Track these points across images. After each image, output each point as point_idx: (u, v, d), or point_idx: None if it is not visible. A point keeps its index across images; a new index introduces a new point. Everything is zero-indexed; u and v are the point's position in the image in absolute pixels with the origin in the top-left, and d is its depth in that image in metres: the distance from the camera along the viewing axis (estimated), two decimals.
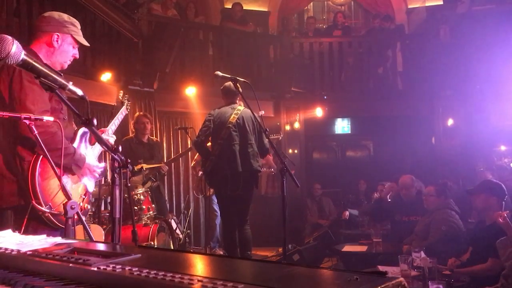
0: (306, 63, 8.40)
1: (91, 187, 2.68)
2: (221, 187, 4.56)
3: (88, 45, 2.66)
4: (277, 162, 7.02)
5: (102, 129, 2.89)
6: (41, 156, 2.22)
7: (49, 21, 2.53)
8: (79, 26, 2.61)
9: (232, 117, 4.56)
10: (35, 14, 5.47)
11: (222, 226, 5.07)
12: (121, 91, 3.59)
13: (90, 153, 2.65)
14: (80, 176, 2.55)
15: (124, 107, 3.31)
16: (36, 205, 1.94)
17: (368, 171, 8.57)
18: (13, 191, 2.27)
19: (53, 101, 2.34)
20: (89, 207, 2.68)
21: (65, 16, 2.59)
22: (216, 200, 6.40)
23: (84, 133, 2.59)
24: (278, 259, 5.38)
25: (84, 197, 2.61)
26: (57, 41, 2.49)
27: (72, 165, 2.41)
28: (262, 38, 8.92)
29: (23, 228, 2.03)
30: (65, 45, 2.53)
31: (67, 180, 2.43)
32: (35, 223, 2.12)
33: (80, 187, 2.58)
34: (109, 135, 2.82)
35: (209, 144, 4.76)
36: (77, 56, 2.63)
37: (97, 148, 2.71)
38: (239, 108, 4.63)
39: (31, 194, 2.13)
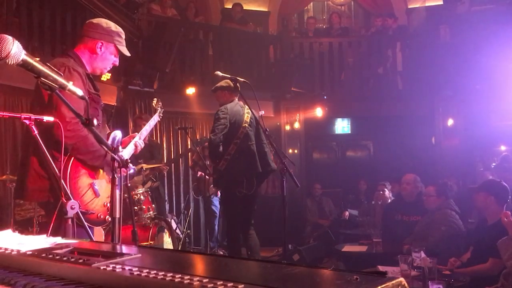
0: (306, 63, 8.39)
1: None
2: (236, 187, 4.40)
3: (129, 55, 2.74)
4: (277, 162, 7.03)
5: (135, 133, 2.97)
6: (73, 157, 2.35)
7: (96, 28, 2.60)
8: (123, 36, 2.69)
9: (246, 116, 4.49)
10: (35, 14, 5.48)
11: (228, 228, 4.82)
12: (155, 99, 3.65)
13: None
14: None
15: (156, 114, 3.40)
16: (65, 202, 1.98)
17: (368, 171, 8.57)
18: (44, 187, 2.39)
19: (91, 108, 2.36)
20: (109, 218, 2.67)
21: (112, 26, 2.66)
22: (215, 202, 6.41)
23: (115, 136, 2.67)
24: (278, 259, 5.38)
25: None
26: (100, 48, 2.59)
27: (105, 166, 2.51)
28: (262, 38, 8.93)
29: (51, 224, 2.12)
30: (107, 53, 2.62)
31: (101, 180, 2.56)
32: (66, 221, 2.11)
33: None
34: (140, 139, 2.90)
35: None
36: (117, 64, 2.73)
37: (128, 151, 2.79)
38: (248, 107, 4.56)
39: (61, 192, 2.20)
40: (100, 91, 2.67)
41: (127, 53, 2.71)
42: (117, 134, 2.68)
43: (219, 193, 5.66)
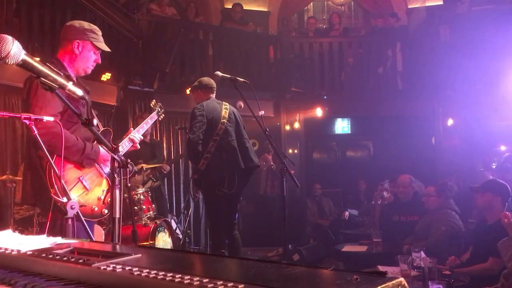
0: (306, 63, 8.40)
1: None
2: (217, 186, 4.25)
3: (109, 50, 2.77)
4: (276, 162, 7.03)
5: (130, 129, 2.96)
6: (55, 154, 2.37)
7: (70, 30, 2.68)
8: (99, 33, 2.73)
9: (224, 111, 4.39)
10: (35, 14, 5.48)
11: (211, 229, 4.58)
12: (154, 100, 3.65)
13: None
14: (98, 167, 2.65)
15: (154, 113, 3.40)
16: (55, 197, 2.02)
17: (368, 171, 8.57)
18: (37, 189, 2.48)
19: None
20: (106, 211, 2.66)
21: (85, 24, 2.72)
22: None
23: (105, 134, 2.67)
24: (278, 259, 5.38)
25: (105, 192, 2.67)
26: (77, 48, 2.65)
27: (84, 160, 2.53)
28: (262, 38, 8.92)
29: (48, 222, 2.15)
30: (85, 52, 2.67)
31: (90, 174, 2.59)
32: (62, 217, 2.12)
33: (104, 182, 2.67)
34: (136, 134, 2.91)
35: None
36: (99, 61, 2.77)
37: (123, 148, 2.77)
38: (225, 103, 4.49)
39: (50, 188, 2.28)
40: (89, 93, 2.65)
41: (106, 49, 2.75)
42: (107, 132, 2.69)
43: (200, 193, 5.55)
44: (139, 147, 2.93)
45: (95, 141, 2.63)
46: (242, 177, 4.40)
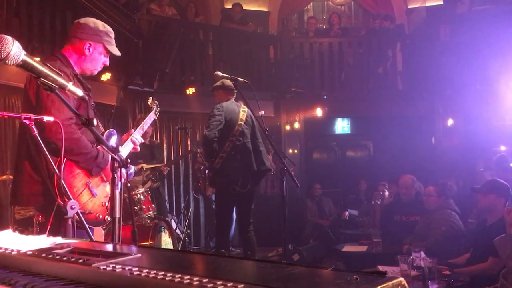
0: (306, 63, 8.40)
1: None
2: (230, 185, 4.40)
3: (119, 54, 2.67)
4: (276, 162, 7.03)
5: (131, 131, 2.86)
6: (65, 158, 2.27)
7: (83, 29, 2.54)
8: (112, 35, 2.63)
9: (241, 114, 4.52)
10: (35, 14, 5.49)
11: (218, 225, 4.73)
12: (150, 97, 3.52)
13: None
14: (105, 176, 2.57)
15: (152, 113, 3.29)
16: (61, 202, 1.94)
17: (368, 171, 8.57)
18: (38, 191, 2.36)
19: (81, 109, 2.33)
20: (109, 218, 2.56)
21: (100, 25, 2.59)
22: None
23: (110, 135, 2.59)
24: (278, 259, 5.38)
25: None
26: (88, 49, 2.53)
27: (94, 168, 2.45)
28: (262, 38, 8.92)
29: (48, 227, 2.07)
30: (96, 54, 2.56)
31: (97, 180, 2.51)
32: (65, 222, 2.05)
33: (106, 188, 2.59)
34: (137, 136, 2.81)
35: None
36: (107, 63, 2.67)
37: (126, 150, 2.71)
38: (244, 106, 4.59)
39: (57, 193, 2.14)
40: (91, 90, 2.62)
41: (117, 53, 2.65)
42: (112, 133, 2.63)
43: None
44: (139, 149, 2.86)
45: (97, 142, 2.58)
46: (254, 178, 4.53)
